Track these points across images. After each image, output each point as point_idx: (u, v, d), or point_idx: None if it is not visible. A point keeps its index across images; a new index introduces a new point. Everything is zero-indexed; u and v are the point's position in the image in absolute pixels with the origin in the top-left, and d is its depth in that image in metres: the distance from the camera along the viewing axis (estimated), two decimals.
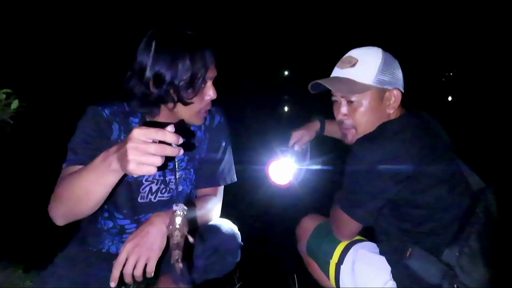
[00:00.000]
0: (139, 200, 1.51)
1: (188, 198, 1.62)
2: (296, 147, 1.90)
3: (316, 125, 1.94)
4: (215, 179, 1.61)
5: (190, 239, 1.01)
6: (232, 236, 1.57)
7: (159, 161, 0.88)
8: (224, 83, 1.56)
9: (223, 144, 1.64)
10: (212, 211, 1.56)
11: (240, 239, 1.60)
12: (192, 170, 1.61)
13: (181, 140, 0.89)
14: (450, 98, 21.29)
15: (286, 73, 31.63)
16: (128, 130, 1.44)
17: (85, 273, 1.46)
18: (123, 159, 0.90)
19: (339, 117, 1.53)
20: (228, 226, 1.59)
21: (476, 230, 1.35)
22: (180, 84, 1.31)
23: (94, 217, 1.57)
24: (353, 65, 1.46)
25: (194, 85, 1.32)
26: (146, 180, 1.50)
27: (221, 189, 1.64)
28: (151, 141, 0.88)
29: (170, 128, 0.89)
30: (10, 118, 2.25)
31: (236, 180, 1.68)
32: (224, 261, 1.57)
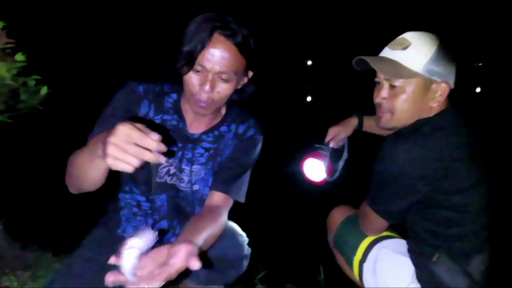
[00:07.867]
0: (156, 179, 1.50)
1: (202, 201, 1.56)
2: (332, 144, 1.87)
3: (353, 121, 1.88)
4: (228, 188, 1.49)
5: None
6: (237, 248, 1.51)
7: (136, 163, 0.89)
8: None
9: (248, 160, 1.54)
10: (216, 235, 1.37)
11: (245, 248, 1.54)
12: (211, 171, 1.54)
13: (164, 149, 0.89)
14: (478, 90, 20.63)
15: (309, 62, 31.31)
16: (159, 109, 1.46)
17: (110, 256, 1.47)
18: (105, 149, 0.89)
19: (377, 99, 1.45)
20: (234, 235, 1.53)
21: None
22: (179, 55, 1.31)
23: (117, 199, 1.59)
24: (405, 48, 1.38)
25: (183, 63, 1.31)
26: (166, 161, 1.48)
27: (231, 200, 1.51)
28: (133, 142, 0.87)
29: (155, 136, 0.88)
30: (39, 104, 2.28)
31: (243, 201, 1.54)
32: (225, 274, 1.53)
